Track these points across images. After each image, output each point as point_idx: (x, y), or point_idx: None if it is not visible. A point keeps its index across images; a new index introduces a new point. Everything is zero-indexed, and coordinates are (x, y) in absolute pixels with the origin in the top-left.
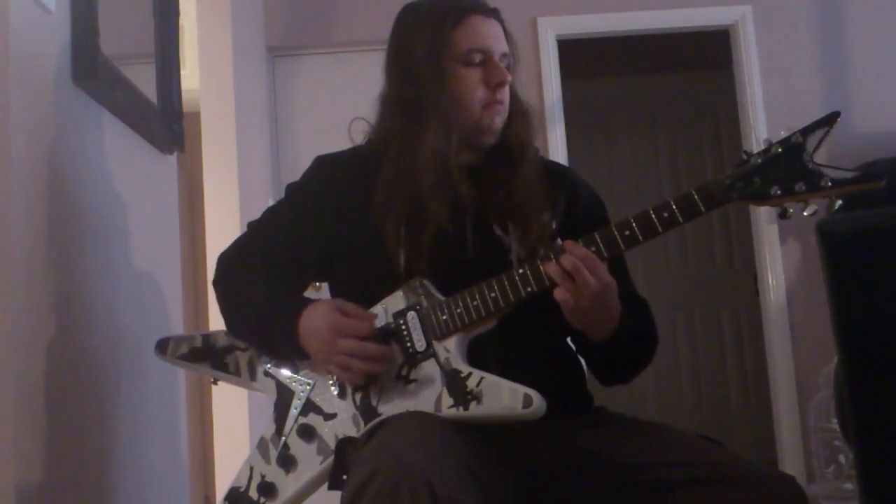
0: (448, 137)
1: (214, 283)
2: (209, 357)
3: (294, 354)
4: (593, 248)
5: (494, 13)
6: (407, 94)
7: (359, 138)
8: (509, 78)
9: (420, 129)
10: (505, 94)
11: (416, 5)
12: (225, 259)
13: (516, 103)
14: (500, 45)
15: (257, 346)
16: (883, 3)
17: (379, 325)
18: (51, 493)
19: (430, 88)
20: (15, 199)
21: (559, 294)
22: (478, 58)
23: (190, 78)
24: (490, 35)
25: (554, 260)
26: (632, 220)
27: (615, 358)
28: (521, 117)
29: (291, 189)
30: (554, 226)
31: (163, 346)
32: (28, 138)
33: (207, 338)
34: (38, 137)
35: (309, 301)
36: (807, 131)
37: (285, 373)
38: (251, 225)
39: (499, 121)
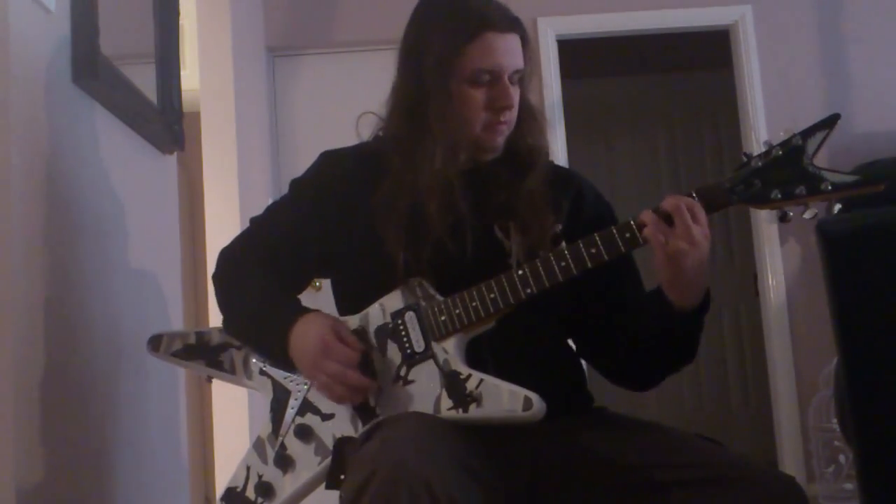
0: (452, 156)
1: (213, 278)
2: (203, 354)
3: (282, 362)
4: (594, 250)
5: (513, 25)
6: (412, 100)
7: (366, 133)
8: (514, 102)
9: (424, 144)
10: (510, 114)
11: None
12: (225, 255)
13: (526, 109)
14: (512, 62)
15: (248, 346)
16: (882, 2)
17: (376, 326)
18: (51, 493)
19: (434, 103)
20: (14, 199)
21: (649, 230)
22: (486, 78)
23: (190, 78)
24: (503, 53)
25: (651, 209)
26: (632, 222)
27: (683, 341)
28: (532, 123)
29: (295, 184)
30: (558, 229)
31: (155, 343)
32: (28, 138)
33: (201, 335)
34: (37, 137)
35: (305, 311)
36: (807, 133)
37: (281, 372)
38: (253, 220)
39: (500, 139)
